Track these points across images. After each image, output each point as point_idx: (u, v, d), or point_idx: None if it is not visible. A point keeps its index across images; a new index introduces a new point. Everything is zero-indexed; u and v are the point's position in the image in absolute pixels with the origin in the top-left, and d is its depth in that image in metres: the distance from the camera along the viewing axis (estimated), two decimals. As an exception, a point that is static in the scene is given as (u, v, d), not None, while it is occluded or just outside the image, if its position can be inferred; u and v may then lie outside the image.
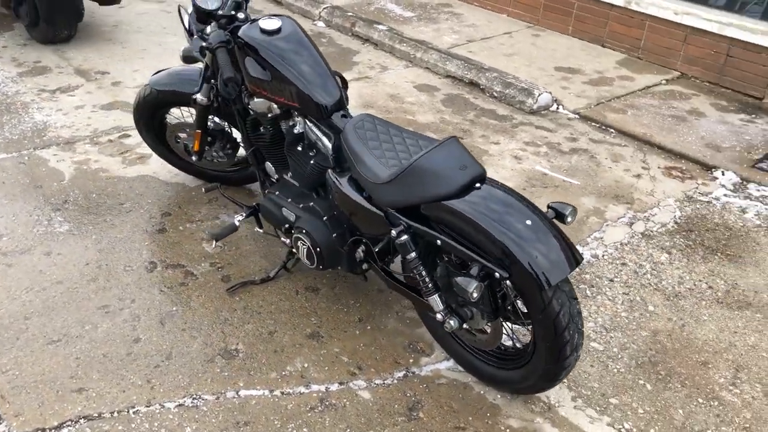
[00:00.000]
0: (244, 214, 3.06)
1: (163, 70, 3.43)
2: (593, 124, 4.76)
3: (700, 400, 2.63)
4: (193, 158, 3.46)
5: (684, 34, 5.49)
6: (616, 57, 5.82)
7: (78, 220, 3.43)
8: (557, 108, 4.93)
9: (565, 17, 6.20)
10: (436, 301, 2.42)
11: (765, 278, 3.33)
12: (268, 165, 3.07)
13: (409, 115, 4.74)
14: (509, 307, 2.38)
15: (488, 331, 2.46)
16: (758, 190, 4.09)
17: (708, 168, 4.29)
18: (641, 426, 2.50)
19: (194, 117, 3.26)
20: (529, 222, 2.16)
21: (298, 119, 2.75)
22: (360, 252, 2.74)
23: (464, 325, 2.43)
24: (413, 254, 2.38)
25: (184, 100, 3.30)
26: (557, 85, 5.20)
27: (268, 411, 2.48)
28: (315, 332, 2.83)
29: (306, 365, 2.67)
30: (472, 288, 2.14)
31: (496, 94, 5.02)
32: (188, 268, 3.16)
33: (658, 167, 4.28)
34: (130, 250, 3.24)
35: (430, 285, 2.41)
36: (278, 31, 2.68)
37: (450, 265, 2.41)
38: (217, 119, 3.33)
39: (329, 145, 2.67)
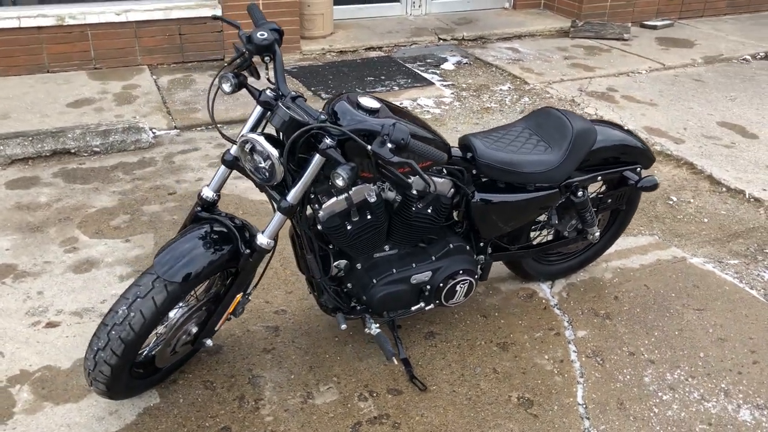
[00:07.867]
0: (372, 322, 2.61)
1: (164, 248, 2.18)
2: (209, 128, 4.80)
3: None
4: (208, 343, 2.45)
5: (133, 30, 5.62)
6: (79, 78, 5.44)
7: None
8: (154, 132, 4.66)
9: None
10: (595, 229, 3.05)
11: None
12: (340, 264, 2.61)
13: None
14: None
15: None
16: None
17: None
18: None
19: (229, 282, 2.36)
20: (627, 128, 3.05)
21: (411, 179, 2.53)
22: (487, 256, 2.90)
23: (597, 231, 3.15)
24: (588, 203, 2.92)
25: (219, 268, 2.29)
26: (127, 115, 4.77)
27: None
28: (503, 343, 2.90)
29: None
30: (655, 182, 2.97)
31: (97, 149, 4.33)
32: (368, 411, 2.49)
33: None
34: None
35: (595, 218, 2.99)
36: (378, 108, 2.36)
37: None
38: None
39: (449, 181, 2.63)
